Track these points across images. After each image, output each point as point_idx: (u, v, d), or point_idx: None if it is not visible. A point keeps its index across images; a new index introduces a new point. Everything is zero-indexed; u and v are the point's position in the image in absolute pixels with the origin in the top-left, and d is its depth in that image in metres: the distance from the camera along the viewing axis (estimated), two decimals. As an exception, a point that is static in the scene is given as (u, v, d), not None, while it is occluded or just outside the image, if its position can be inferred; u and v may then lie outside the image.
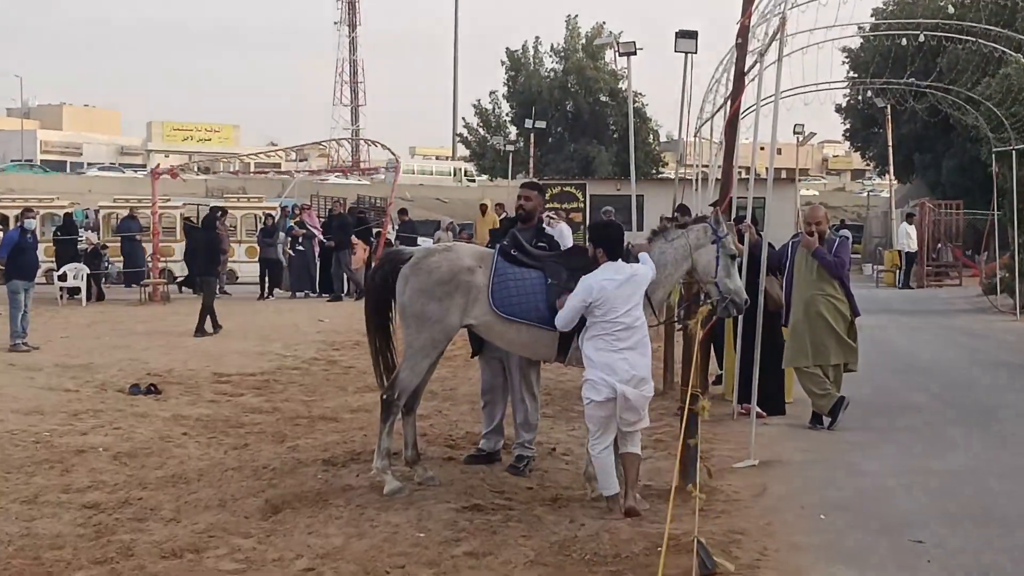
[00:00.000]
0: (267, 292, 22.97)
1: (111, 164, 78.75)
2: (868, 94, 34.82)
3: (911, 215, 29.11)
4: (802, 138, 41.75)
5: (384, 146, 27.03)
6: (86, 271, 21.24)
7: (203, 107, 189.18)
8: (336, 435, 8.74)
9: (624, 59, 18.24)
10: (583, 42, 52.09)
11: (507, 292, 6.79)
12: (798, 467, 7.77)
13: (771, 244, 9.03)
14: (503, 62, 53.20)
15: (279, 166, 59.79)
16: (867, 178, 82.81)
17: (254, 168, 48.06)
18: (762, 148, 9.83)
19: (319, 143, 42.32)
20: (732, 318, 8.24)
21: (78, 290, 21.07)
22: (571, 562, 5.60)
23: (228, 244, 23.35)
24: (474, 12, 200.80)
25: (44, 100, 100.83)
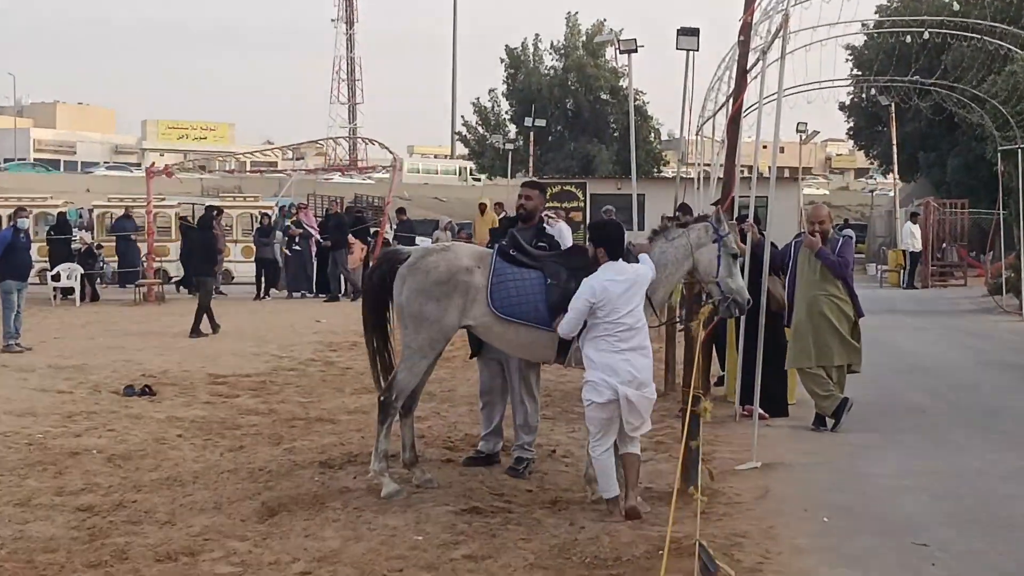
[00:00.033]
0: (263, 292, 22.92)
1: (118, 163, 78.44)
2: (872, 92, 34.87)
3: (915, 214, 29.01)
4: (805, 136, 41.61)
5: (382, 144, 26.98)
6: (80, 271, 21.20)
7: (198, 105, 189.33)
8: (333, 437, 8.70)
9: (625, 56, 18.18)
10: (583, 39, 51.92)
11: (506, 293, 6.73)
12: (801, 469, 7.73)
13: (774, 244, 8.99)
14: (502, 59, 53.01)
15: (275, 165, 59.79)
16: (869, 176, 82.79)
17: (250, 167, 47.99)
18: (764, 146, 9.79)
19: (316, 141, 42.12)
20: (734, 319, 8.18)
21: (72, 290, 21.04)
22: (571, 565, 5.56)
23: (224, 244, 23.30)
24: (474, 12, 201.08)
25: (38, 98, 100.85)
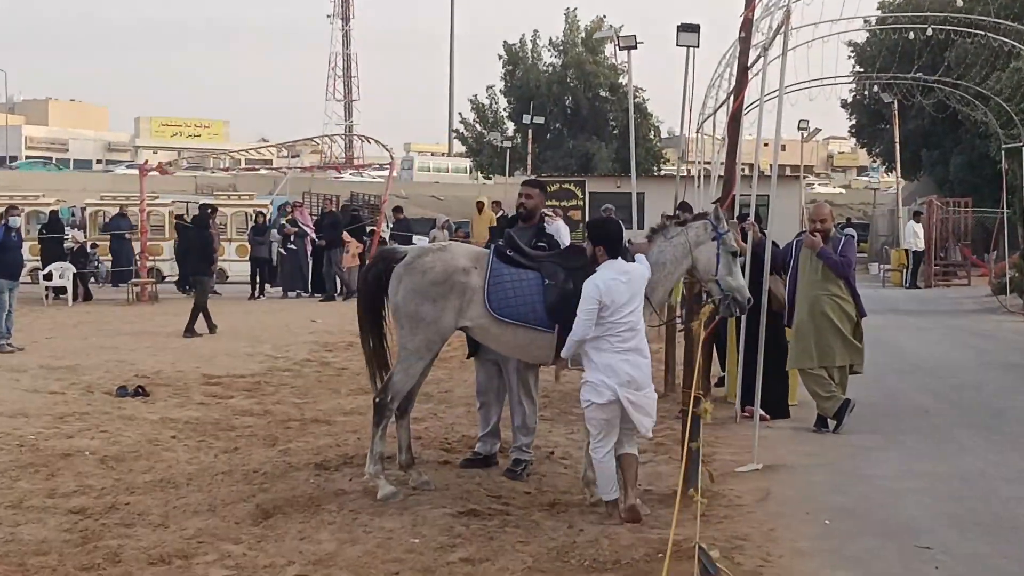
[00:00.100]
0: (258, 292, 22.83)
1: (130, 162, 77.99)
2: (874, 89, 34.78)
3: (918, 213, 28.97)
4: (807, 134, 41.60)
5: (378, 142, 27.00)
6: (72, 270, 21.12)
7: (192, 102, 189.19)
8: (329, 438, 8.65)
9: (624, 53, 18.12)
10: (582, 36, 51.79)
11: (503, 294, 6.67)
12: (802, 471, 7.69)
13: (775, 243, 8.92)
14: (500, 56, 52.84)
15: (270, 162, 59.71)
16: (869, 171, 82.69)
17: (244, 164, 47.89)
18: (766, 144, 9.72)
19: (311, 139, 42.07)
20: (735, 318, 8.12)
21: (64, 290, 20.96)
22: (570, 568, 5.53)
23: (219, 243, 23.21)
24: (472, 9, 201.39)
25: (30, 95, 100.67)
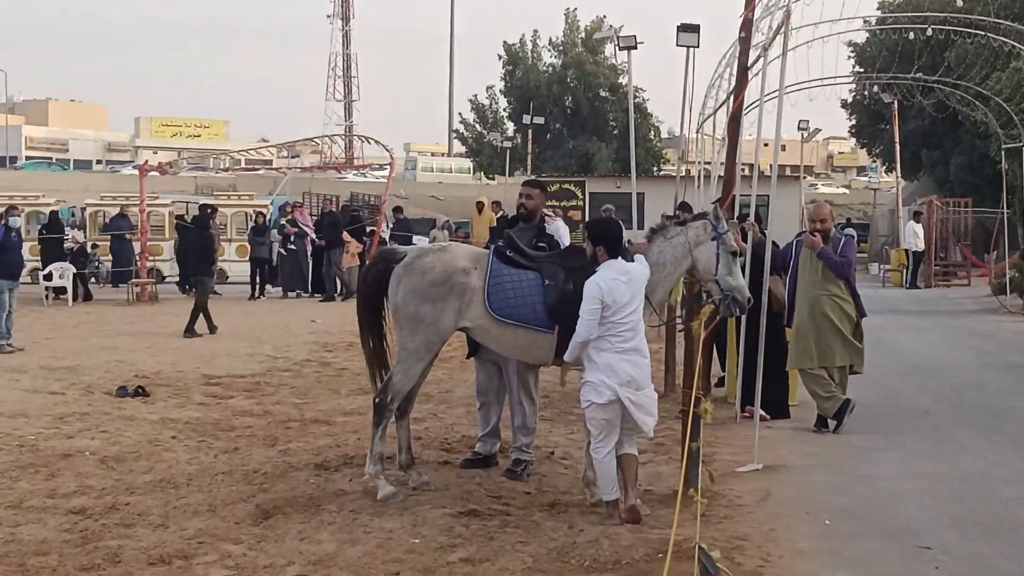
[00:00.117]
0: (258, 292, 22.82)
1: (135, 163, 77.98)
2: (874, 89, 34.79)
3: (918, 213, 28.95)
4: (807, 134, 41.58)
5: (378, 142, 27.00)
6: (72, 270, 21.11)
7: (192, 102, 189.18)
8: (329, 439, 8.65)
9: (624, 53, 18.12)
10: (582, 36, 51.76)
11: (503, 294, 6.66)
12: (802, 471, 7.69)
13: (775, 243, 8.91)
14: (500, 56, 52.82)
15: (270, 163, 59.70)
16: (869, 171, 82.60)
17: (244, 164, 47.88)
18: (766, 144, 9.71)
19: (311, 139, 42.10)
20: (735, 319, 8.11)
21: (64, 290, 20.95)
22: (570, 569, 5.53)
23: (219, 243, 23.21)
24: (473, 9, 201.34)
25: (30, 95, 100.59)
